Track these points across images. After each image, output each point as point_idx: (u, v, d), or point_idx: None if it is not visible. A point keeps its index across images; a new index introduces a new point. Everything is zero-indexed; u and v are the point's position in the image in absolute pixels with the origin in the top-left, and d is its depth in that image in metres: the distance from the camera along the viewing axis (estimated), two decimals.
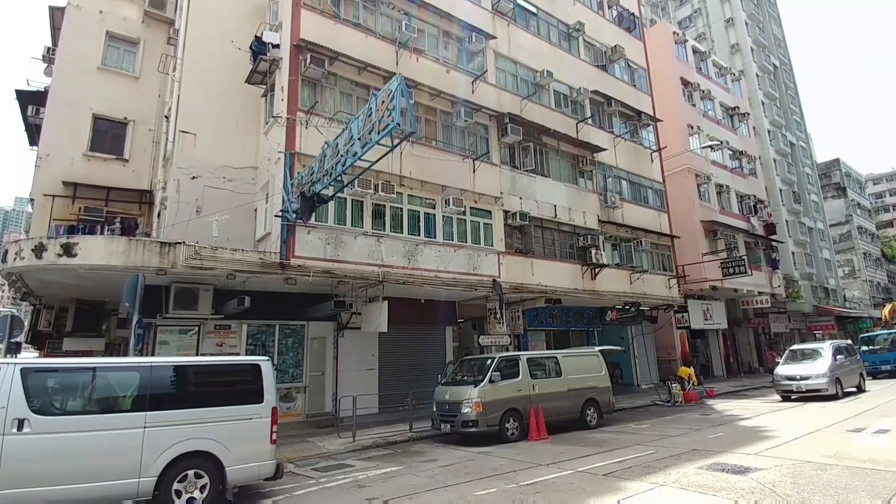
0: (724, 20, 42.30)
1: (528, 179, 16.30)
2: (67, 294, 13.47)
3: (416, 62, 14.21)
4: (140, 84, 15.67)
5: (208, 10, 13.85)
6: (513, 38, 17.29)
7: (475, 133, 15.35)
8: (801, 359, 15.99)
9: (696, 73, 28.07)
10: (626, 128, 20.70)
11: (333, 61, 12.50)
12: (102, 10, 15.39)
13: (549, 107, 17.73)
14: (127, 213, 14.88)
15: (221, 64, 13.71)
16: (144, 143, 15.43)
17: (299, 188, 10.25)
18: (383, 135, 7.78)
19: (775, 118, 40.03)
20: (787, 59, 48.08)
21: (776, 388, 15.83)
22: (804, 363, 15.61)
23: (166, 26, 16.00)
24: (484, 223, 14.88)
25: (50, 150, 14.13)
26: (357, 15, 13.66)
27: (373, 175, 11.54)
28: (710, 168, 26.25)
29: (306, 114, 11.99)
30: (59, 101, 14.36)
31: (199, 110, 13.22)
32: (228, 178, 13.20)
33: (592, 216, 17.90)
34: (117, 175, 14.94)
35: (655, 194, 21.51)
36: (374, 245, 12.40)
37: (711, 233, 24.72)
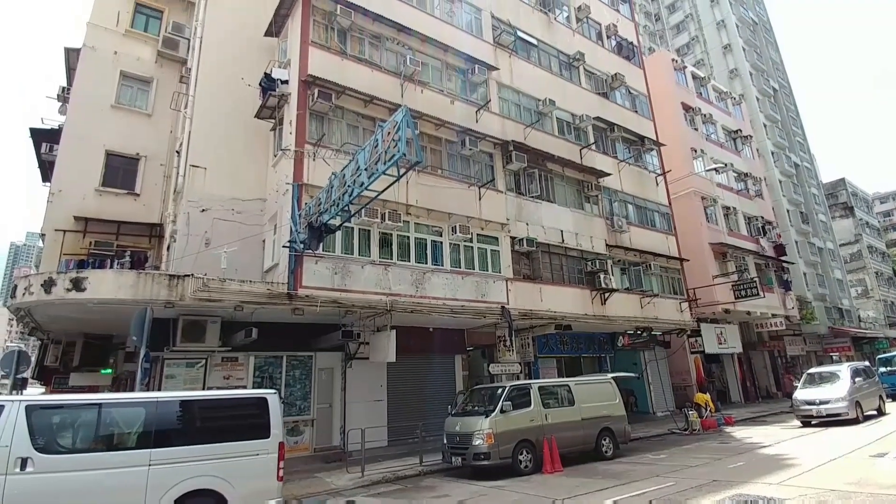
0: (722, 47, 43.08)
1: (534, 205, 16.33)
2: (75, 328, 13.50)
3: (420, 94, 14.48)
4: (152, 121, 16.03)
5: (220, 50, 14.27)
6: (514, 69, 17.63)
7: (480, 161, 15.49)
8: (820, 382, 15.59)
9: (696, 97, 28.39)
10: (630, 152, 20.83)
11: (340, 95, 12.76)
12: (117, 51, 15.88)
13: (552, 134, 17.92)
14: (137, 247, 15.00)
15: (232, 100, 14.04)
16: (156, 177, 15.69)
17: (307, 219, 10.31)
18: (389, 165, 7.85)
19: (778, 140, 40.23)
20: (786, 83, 48.64)
21: (796, 414, 15.41)
22: (823, 387, 15.22)
23: (179, 65, 16.47)
24: (491, 250, 14.85)
25: (62, 186, 14.37)
26: (363, 50, 14.02)
27: (380, 204, 11.60)
28: (716, 190, 26.25)
29: (314, 146, 12.18)
30: (73, 139, 14.69)
31: (210, 145, 13.47)
32: (237, 210, 13.34)
33: (600, 241, 17.83)
34: (128, 209, 15.14)
35: (662, 217, 21.46)
36: (381, 274, 12.38)
37: (721, 255, 24.52)
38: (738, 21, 44.12)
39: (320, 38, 13.31)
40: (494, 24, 17.55)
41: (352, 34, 13.86)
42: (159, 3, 17.00)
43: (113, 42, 15.88)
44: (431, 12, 15.88)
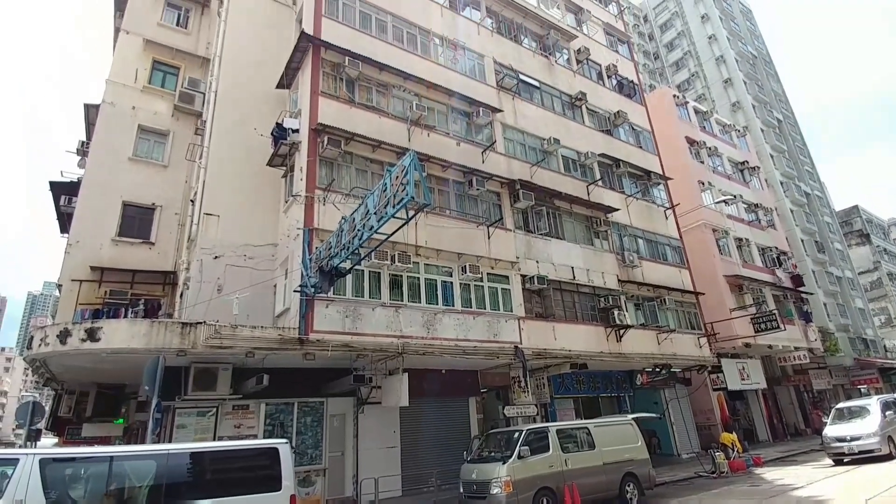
0: (722, 81, 43.86)
1: (543, 243, 16.33)
2: (89, 378, 13.49)
3: (427, 137, 14.82)
4: (168, 171, 16.51)
5: (233, 103, 14.82)
6: (518, 110, 18.05)
7: (488, 200, 15.64)
8: (849, 417, 15.05)
9: (700, 131, 28.70)
10: (637, 187, 20.92)
11: (349, 141, 13.10)
12: (135, 106, 16.56)
13: (558, 171, 18.12)
14: (151, 295, 15.16)
15: (245, 150, 14.46)
16: (170, 226, 16.01)
17: (317, 263, 10.38)
18: (398, 208, 7.94)
19: (786, 169, 40.23)
20: (790, 113, 49.09)
21: (826, 452, 14.83)
22: (853, 422, 14.68)
23: (194, 118, 17.09)
24: (502, 289, 14.76)
25: (80, 237, 14.71)
26: (370, 98, 14.48)
27: (389, 246, 11.67)
28: (727, 222, 26.10)
29: (324, 191, 12.41)
30: (91, 190, 15.13)
31: (223, 193, 13.79)
32: (249, 255, 13.49)
33: (611, 276, 17.67)
34: (143, 258, 15.39)
35: (674, 251, 21.29)
36: (392, 316, 12.31)
37: (737, 287, 24.11)
38: (738, 56, 45.09)
39: (329, 88, 13.80)
40: (497, 69, 18.11)
41: (359, 83, 14.35)
42: (176, 60, 17.81)
43: (131, 98, 16.58)
44: (436, 59, 16.46)
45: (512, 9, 19.92)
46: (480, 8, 18.93)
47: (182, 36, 18.28)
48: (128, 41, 17.16)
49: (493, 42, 18.69)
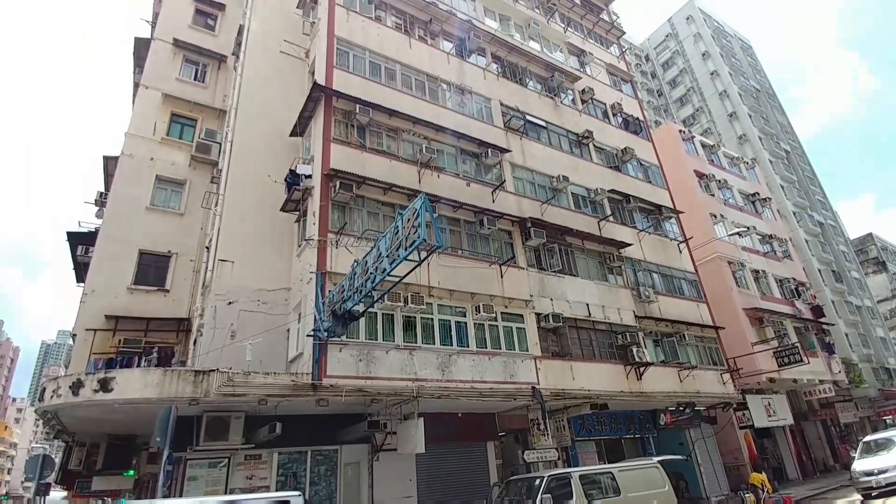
0: (727, 115, 44.37)
1: (556, 280, 16.17)
2: (100, 430, 13.31)
3: (437, 178, 15.02)
4: (184, 219, 16.81)
5: (248, 151, 15.22)
6: (526, 150, 18.30)
7: (499, 239, 15.64)
8: (876, 450, 14.73)
9: (708, 164, 28.81)
10: (649, 221, 20.85)
11: (361, 185, 13.30)
12: (153, 157, 17.05)
13: (569, 208, 18.16)
14: (164, 342, 15.14)
15: (259, 196, 14.73)
16: (185, 273, 16.16)
17: (330, 306, 10.34)
18: (410, 250, 7.94)
19: (798, 200, 40.04)
20: (797, 144, 49.29)
21: (855, 487, 14.40)
22: (880, 455, 14.34)
23: (210, 167, 17.54)
24: (517, 328, 14.53)
25: (96, 286, 14.86)
26: (381, 142, 14.80)
27: (402, 288, 11.60)
28: (742, 254, 25.77)
29: (336, 234, 12.51)
30: (108, 240, 15.39)
31: (238, 239, 13.96)
32: (263, 300, 13.50)
33: (628, 312, 17.36)
34: (158, 305, 15.46)
35: (690, 285, 20.95)
36: (406, 358, 12.12)
37: (757, 320, 23.54)
38: (741, 90, 45.80)
39: (341, 134, 14.15)
40: (504, 111, 18.51)
41: (370, 128, 14.71)
42: (193, 113, 18.47)
43: (150, 149, 17.10)
44: (444, 104, 16.89)
45: (516, 54, 20.55)
46: (486, 54, 19.55)
47: (200, 90, 19.01)
48: (147, 95, 17.88)
49: (500, 85, 19.19)
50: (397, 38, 17.11)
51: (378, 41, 16.46)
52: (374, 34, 16.54)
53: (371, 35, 16.42)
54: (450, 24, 18.73)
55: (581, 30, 25.50)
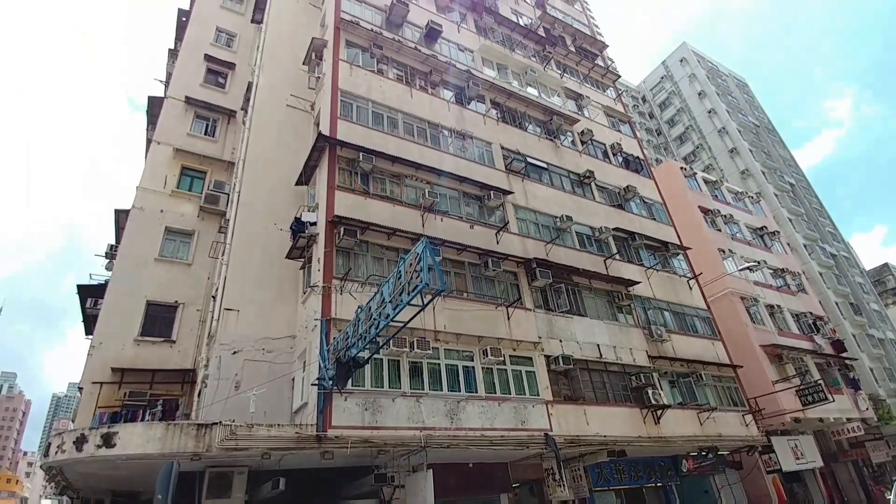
0: (728, 151, 44.84)
1: (565, 321, 15.91)
2: (104, 486, 12.96)
3: (440, 222, 15.12)
4: (192, 269, 16.95)
5: (255, 201, 15.51)
6: (528, 191, 18.47)
7: (505, 280, 15.53)
8: None
9: (712, 200, 28.88)
10: (656, 259, 20.67)
11: (365, 231, 13.40)
12: (163, 209, 17.41)
13: (574, 248, 18.11)
14: (169, 394, 14.92)
15: (265, 244, 14.89)
16: (192, 323, 16.14)
17: (335, 354, 10.19)
18: (413, 295, 7.87)
19: (807, 232, 39.73)
20: (802, 176, 49.41)
21: None
22: None
23: (218, 217, 17.84)
24: (526, 371, 14.18)
25: (104, 338, 14.84)
26: (385, 189, 15.04)
27: (407, 333, 11.43)
28: (755, 289, 25.36)
29: (341, 280, 12.50)
30: (117, 291, 15.50)
31: (244, 288, 14.00)
32: (267, 349, 13.37)
33: (640, 352, 16.93)
34: (164, 357, 15.37)
35: (703, 322, 20.50)
36: (413, 406, 11.79)
37: (776, 357, 22.86)
38: (739, 126, 46.47)
39: (345, 181, 14.41)
40: (505, 154, 18.84)
41: (374, 175, 14.98)
42: (203, 166, 18.98)
43: (160, 202, 17.47)
44: (446, 149, 17.25)
45: (515, 100, 21.14)
46: (485, 101, 20.12)
47: (209, 143, 19.62)
48: (159, 150, 18.47)
49: (500, 130, 19.63)
50: (399, 89, 17.70)
51: (380, 92, 17.04)
52: (377, 86, 17.14)
53: (374, 87, 17.01)
54: (449, 74, 19.41)
55: (577, 75, 26.29)
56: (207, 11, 22.86)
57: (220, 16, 23.11)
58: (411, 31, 20.11)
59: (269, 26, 19.86)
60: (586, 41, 29.12)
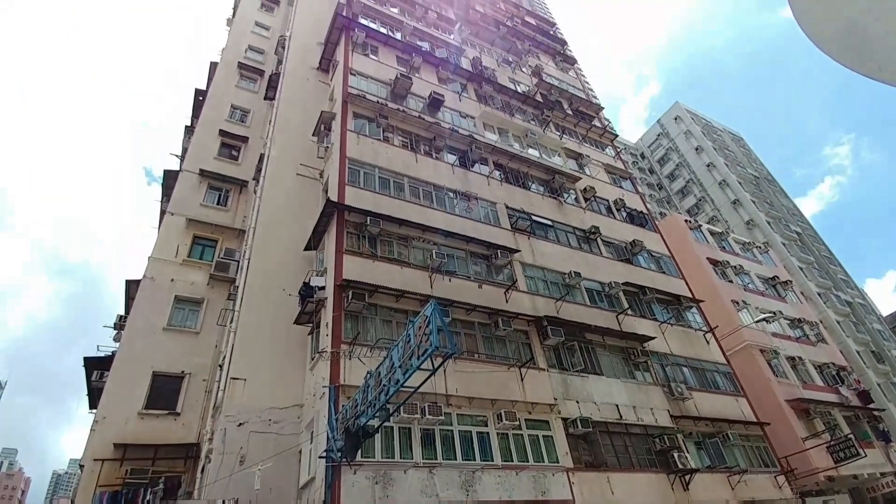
0: (731, 202, 45.26)
1: (580, 381, 15.41)
2: None
3: (448, 282, 15.07)
4: (199, 338, 16.81)
5: (265, 267, 15.64)
6: (535, 248, 18.54)
7: (516, 340, 15.22)
8: None
9: (720, 251, 28.78)
10: (669, 313, 20.31)
11: (373, 294, 13.36)
12: (174, 278, 17.56)
13: (584, 304, 17.88)
14: (172, 471, 14.33)
15: (273, 310, 14.83)
16: (197, 394, 15.79)
17: (344, 423, 9.82)
18: (423, 359, 7.69)
19: (820, 280, 39.22)
20: (807, 225, 49.47)
21: None
22: None
23: (228, 284, 17.93)
24: (543, 435, 13.55)
25: (108, 412, 14.49)
26: (392, 251, 15.14)
27: (419, 398, 11.06)
28: (774, 341, 24.67)
29: (349, 345, 12.30)
30: (124, 363, 15.31)
31: (251, 355, 13.79)
32: (274, 419, 12.95)
33: (662, 412, 16.22)
34: (168, 431, 14.92)
35: (724, 378, 19.78)
36: (426, 478, 11.19)
37: (803, 412, 21.84)
38: (739, 178, 47.18)
39: (353, 245, 14.56)
40: (510, 213, 19.09)
41: (381, 238, 15.15)
42: (214, 234, 19.34)
43: (171, 271, 17.65)
44: (452, 211, 17.52)
45: (517, 161, 21.73)
46: (488, 163, 20.69)
47: (221, 213, 20.12)
48: (172, 221, 18.90)
49: (504, 190, 20.03)
50: (404, 155, 18.30)
51: (387, 159, 17.60)
52: (383, 153, 17.74)
53: (380, 154, 17.61)
54: (452, 140, 20.11)
55: (576, 136, 27.15)
56: (223, 90, 24.24)
57: (234, 94, 24.47)
58: (415, 101, 21.08)
59: (280, 102, 20.93)
60: (582, 104, 30.32)
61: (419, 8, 27.00)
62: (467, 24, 29.56)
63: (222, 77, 24.92)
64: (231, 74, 25.19)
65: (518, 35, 32.59)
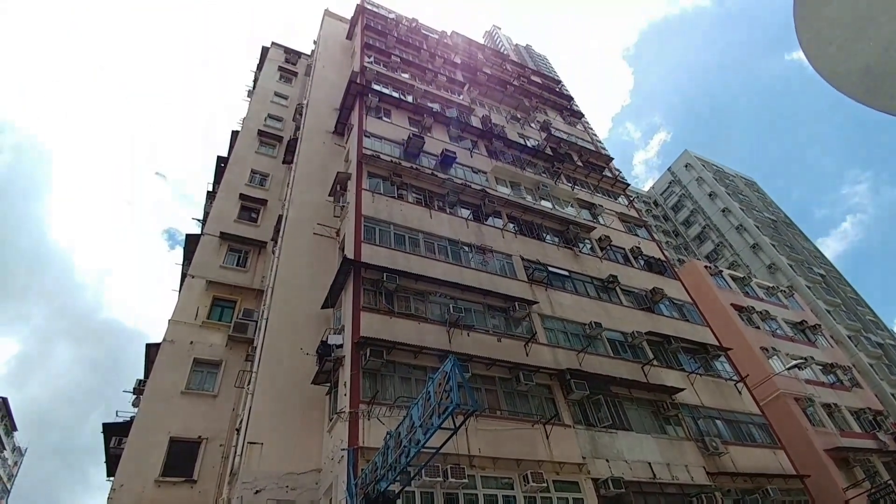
0: (750, 247, 44.70)
1: (608, 437, 14.73)
2: None
3: (467, 337, 14.88)
4: (217, 401, 16.64)
5: (283, 326, 15.68)
6: (553, 299, 18.34)
7: (539, 395, 14.76)
8: None
9: (744, 297, 28.13)
10: (697, 362, 19.62)
11: (391, 350, 13.22)
12: (193, 341, 17.64)
13: (607, 355, 17.40)
14: None
15: (291, 371, 14.71)
16: (214, 459, 15.43)
17: (363, 489, 9.44)
18: (444, 417, 7.47)
19: (848, 323, 37.86)
20: (831, 266, 48.36)
21: None
22: None
23: (246, 345, 17.94)
24: (574, 498, 12.82)
25: (125, 480, 14.16)
26: (409, 307, 15.11)
27: (441, 460, 10.66)
28: (808, 388, 23.57)
29: (368, 405, 12.04)
30: (142, 429, 15.12)
31: (268, 418, 13.55)
32: (291, 486, 12.52)
33: (697, 469, 15.32)
34: (183, 499, 14.47)
35: (760, 429, 18.75)
36: None
37: (842, 461, 20.59)
38: (756, 223, 46.82)
39: (370, 302, 14.58)
40: (525, 265, 19.07)
41: (398, 294, 15.17)
42: (233, 295, 19.59)
43: (190, 333, 17.76)
44: (467, 265, 17.59)
45: (530, 213, 21.97)
46: (502, 216, 20.95)
47: (240, 273, 20.46)
48: (193, 284, 19.24)
49: (518, 242, 20.13)
50: (418, 211, 18.66)
51: (402, 215, 17.95)
52: (398, 210, 18.13)
53: (395, 211, 17.99)
54: (466, 195, 20.52)
55: (587, 186, 27.50)
56: (244, 157, 25.36)
57: (254, 159, 25.55)
58: (427, 159, 21.74)
59: (298, 166, 21.77)
60: (592, 156, 30.94)
61: (429, 73, 28.43)
62: (476, 85, 30.93)
63: (243, 144, 26.13)
64: (251, 141, 26.42)
65: (525, 93, 33.91)
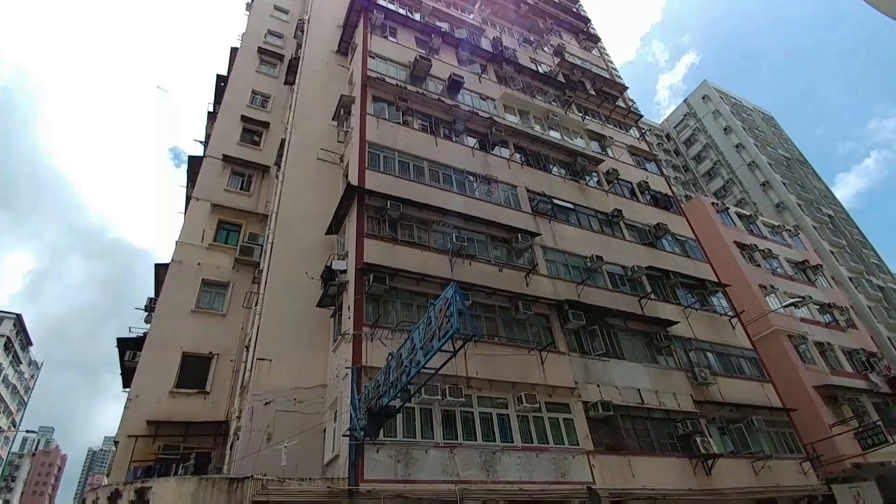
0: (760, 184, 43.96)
1: (601, 364, 15.34)
2: None
3: (469, 266, 15.08)
4: (226, 320, 17.25)
5: (287, 251, 15.88)
6: (556, 232, 18.35)
7: (537, 324, 15.19)
8: None
9: (748, 235, 28.08)
10: (694, 297, 19.97)
11: (394, 277, 13.46)
12: (201, 262, 17.96)
13: (606, 288, 17.70)
14: (202, 448, 14.87)
15: (296, 294, 15.09)
16: (225, 374, 16.26)
17: (366, 403, 10.02)
18: (444, 341, 7.76)
19: (851, 265, 38.03)
20: (840, 208, 47.80)
21: None
22: None
23: (252, 268, 18.30)
24: (564, 419, 13.59)
25: (140, 391, 15.04)
26: (413, 235, 15.20)
27: (440, 380, 11.18)
28: (802, 326, 24.11)
29: (371, 328, 12.47)
30: (155, 344, 15.82)
31: (276, 337, 14.11)
32: (299, 399, 13.27)
33: (685, 397, 16.07)
34: (198, 409, 15.42)
35: (750, 363, 19.44)
36: (447, 458, 11.37)
37: (831, 399, 21.41)
38: (770, 160, 45.69)
39: (374, 229, 14.65)
40: (530, 196, 18.91)
41: (401, 222, 15.20)
42: (238, 219, 19.67)
43: (198, 255, 18.06)
44: (472, 194, 17.44)
45: (538, 143, 21.42)
46: (508, 146, 20.46)
47: (245, 198, 20.41)
48: (198, 206, 19.28)
49: (524, 173, 19.82)
50: (424, 139, 18.22)
51: (406, 142, 17.56)
52: (403, 137, 17.70)
53: (399, 138, 17.57)
54: (472, 123, 19.92)
55: (599, 117, 26.58)
56: (244, 76, 24.40)
57: (255, 79, 24.61)
58: (434, 83, 20.90)
59: (300, 87, 20.99)
60: (605, 84, 29.63)
61: None
62: (487, 2, 29.02)
63: (243, 62, 25.06)
64: (251, 59, 25.30)
65: (539, 13, 31.89)
